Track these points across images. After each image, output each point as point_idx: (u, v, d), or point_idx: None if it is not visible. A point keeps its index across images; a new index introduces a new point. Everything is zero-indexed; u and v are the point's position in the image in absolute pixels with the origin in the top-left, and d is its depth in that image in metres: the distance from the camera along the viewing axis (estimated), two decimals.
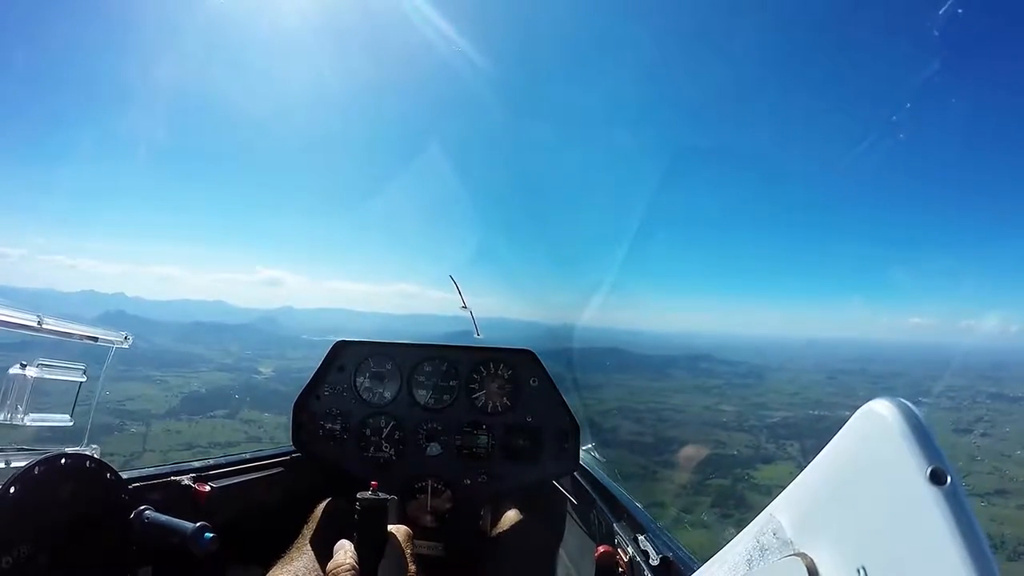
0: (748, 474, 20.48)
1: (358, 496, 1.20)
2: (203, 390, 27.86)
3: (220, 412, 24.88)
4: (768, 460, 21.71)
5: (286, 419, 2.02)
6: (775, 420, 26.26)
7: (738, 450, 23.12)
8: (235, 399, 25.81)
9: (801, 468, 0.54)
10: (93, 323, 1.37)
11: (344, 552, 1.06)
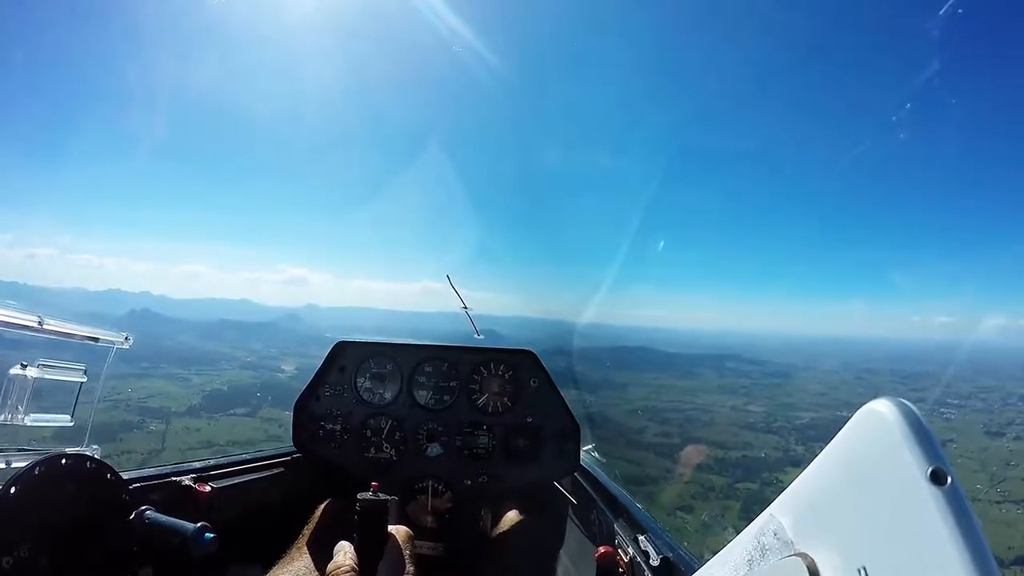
0: (777, 478, 20.11)
1: (358, 497, 1.20)
2: (225, 388, 27.94)
3: (240, 410, 24.91)
4: (797, 463, 21.29)
5: None
6: (803, 421, 25.95)
7: (766, 452, 22.86)
8: (256, 397, 25.87)
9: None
10: (119, 322, 1.38)
11: (344, 554, 1.06)
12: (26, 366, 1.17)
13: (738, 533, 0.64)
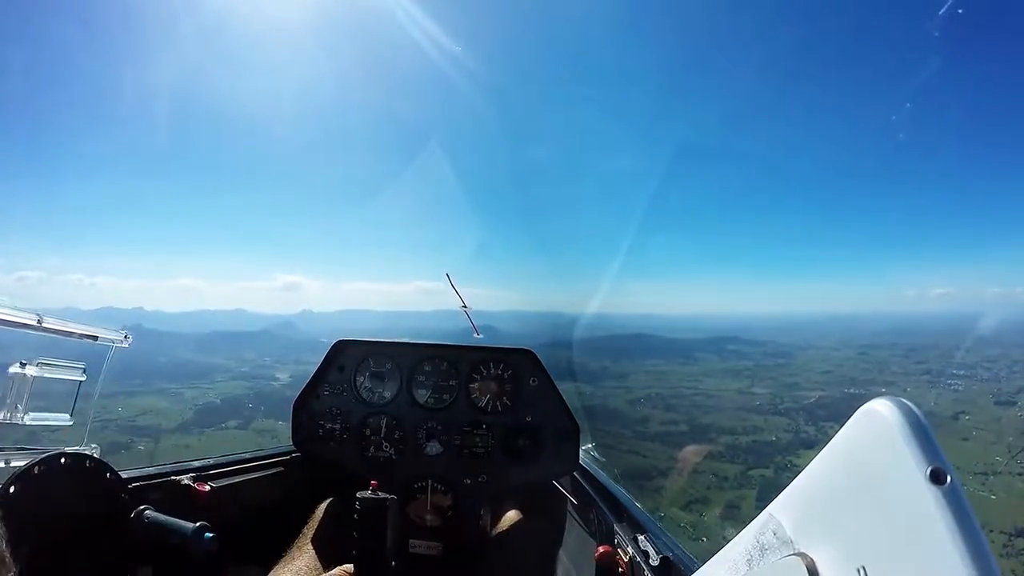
0: (790, 461, 19.51)
1: (358, 496, 1.20)
2: (218, 400, 27.36)
3: (232, 423, 24.38)
4: (810, 445, 20.75)
5: None
6: (811, 401, 25.44)
7: (777, 435, 22.31)
8: (249, 408, 25.35)
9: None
10: None
11: (342, 570, 1.06)
12: (25, 364, 1.17)
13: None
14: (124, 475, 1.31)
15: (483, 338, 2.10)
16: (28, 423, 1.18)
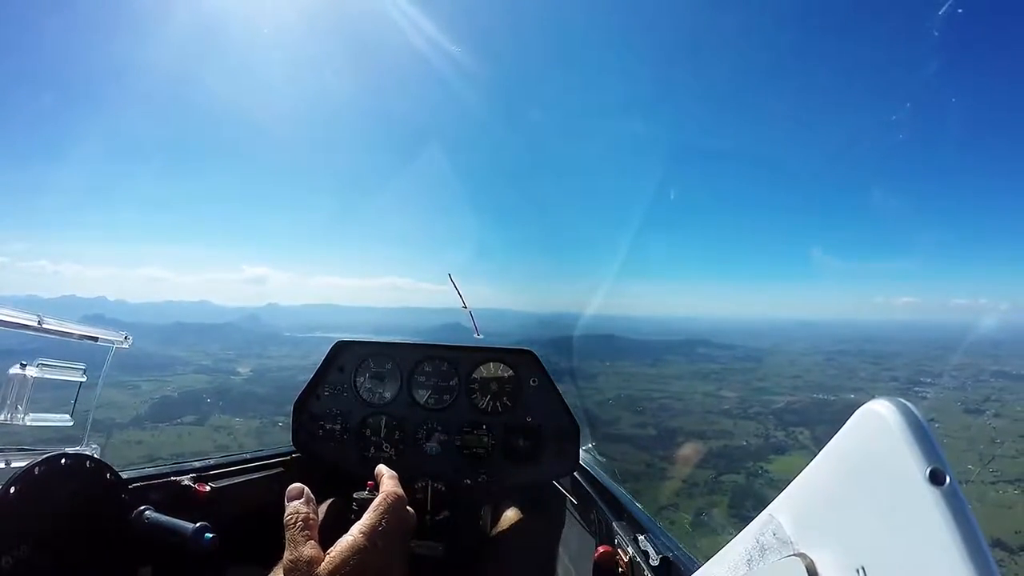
0: (762, 467, 19.43)
1: (354, 496, 1.20)
2: (176, 394, 26.57)
3: (189, 419, 23.46)
4: (781, 450, 20.66)
5: (259, 423, 2.00)
6: (780, 405, 25.43)
7: (747, 440, 22.15)
8: (207, 404, 24.58)
9: (815, 457, 0.54)
10: None
11: (302, 501, 0.97)
12: (25, 365, 1.17)
13: (730, 532, 0.64)
14: (124, 475, 1.31)
15: (483, 338, 2.11)
16: (29, 424, 1.18)
